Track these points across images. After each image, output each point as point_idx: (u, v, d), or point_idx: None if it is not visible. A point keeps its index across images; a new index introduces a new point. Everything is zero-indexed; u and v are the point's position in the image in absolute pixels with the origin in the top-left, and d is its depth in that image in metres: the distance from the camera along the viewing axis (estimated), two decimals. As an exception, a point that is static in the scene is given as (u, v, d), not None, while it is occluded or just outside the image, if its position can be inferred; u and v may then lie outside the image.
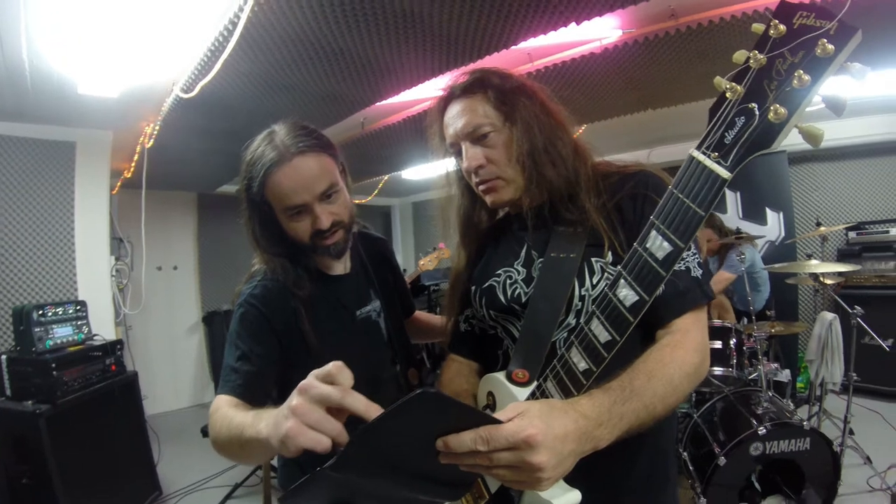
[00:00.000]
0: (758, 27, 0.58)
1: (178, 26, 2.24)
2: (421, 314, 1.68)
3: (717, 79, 0.62)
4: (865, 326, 2.82)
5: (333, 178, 1.16)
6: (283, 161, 1.10)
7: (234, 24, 2.04)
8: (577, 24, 2.27)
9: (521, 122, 1.00)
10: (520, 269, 1.07)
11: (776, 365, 2.79)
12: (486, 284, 1.10)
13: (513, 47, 2.49)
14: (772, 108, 0.55)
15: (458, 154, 1.07)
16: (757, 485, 2.30)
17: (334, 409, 0.69)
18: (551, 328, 0.94)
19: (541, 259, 1.03)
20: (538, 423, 0.66)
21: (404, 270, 2.04)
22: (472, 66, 1.82)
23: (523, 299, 1.03)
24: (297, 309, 1.17)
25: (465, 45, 2.39)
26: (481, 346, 1.17)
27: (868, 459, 2.98)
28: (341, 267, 1.33)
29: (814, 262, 2.97)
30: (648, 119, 3.85)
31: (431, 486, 0.80)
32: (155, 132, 3.40)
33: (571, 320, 0.96)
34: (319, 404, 0.68)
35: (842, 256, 4.37)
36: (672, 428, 1.09)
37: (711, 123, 0.61)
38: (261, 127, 1.20)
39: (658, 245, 0.65)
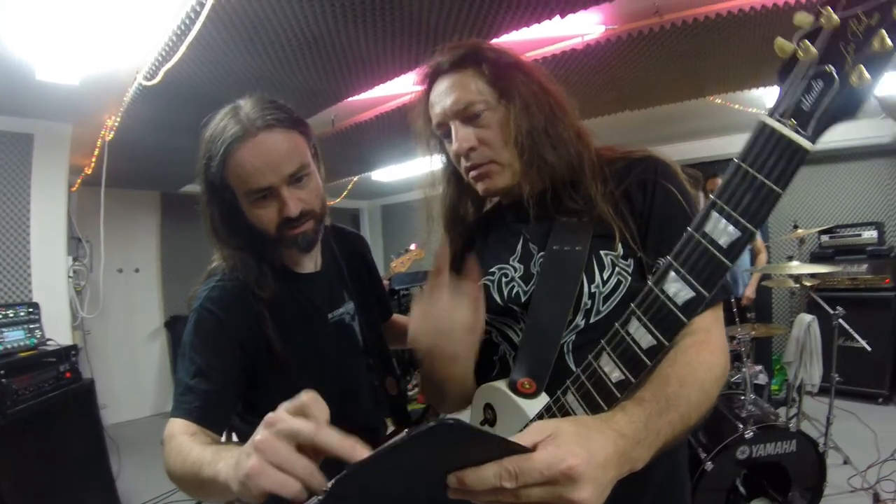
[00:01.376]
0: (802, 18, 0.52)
1: (143, 7, 2.10)
2: (399, 318, 1.56)
3: (780, 40, 0.55)
4: (847, 327, 2.84)
5: (304, 159, 1.02)
6: (247, 136, 0.96)
7: (202, 5, 1.91)
8: (562, 17, 2.23)
9: (519, 99, 0.91)
10: (517, 265, 0.96)
11: (760, 367, 2.78)
12: (479, 283, 0.97)
13: (493, 41, 2.43)
14: (854, 71, 0.48)
15: (447, 136, 0.96)
16: (742, 488, 2.26)
17: (308, 448, 0.58)
18: (559, 331, 0.84)
19: (542, 253, 0.92)
20: (579, 451, 0.55)
21: None
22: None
23: (523, 299, 0.92)
24: (261, 313, 1.03)
25: (444, 35, 2.31)
26: None
27: (848, 460, 3.01)
28: (311, 264, 1.19)
29: (794, 263, 2.98)
30: (623, 120, 3.82)
31: None
32: (116, 125, 3.22)
33: (580, 321, 0.86)
34: (288, 440, 0.57)
35: (815, 259, 4.43)
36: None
37: (784, 88, 0.54)
38: None
39: (721, 229, 0.55)
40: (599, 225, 0.88)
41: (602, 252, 0.87)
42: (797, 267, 2.97)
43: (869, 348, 2.83)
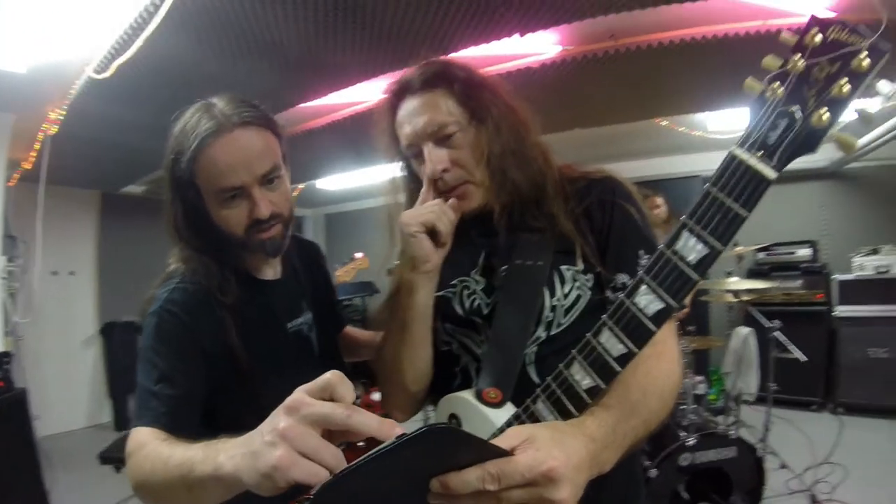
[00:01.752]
0: (787, 37, 0.59)
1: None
2: (352, 330, 1.54)
3: (750, 80, 0.62)
4: (784, 340, 3.01)
5: (277, 160, 1.00)
6: (221, 132, 0.93)
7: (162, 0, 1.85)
8: (521, 35, 2.29)
9: (490, 120, 0.92)
10: (478, 278, 0.98)
11: (700, 378, 2.90)
12: (440, 294, 0.99)
13: (452, 55, 2.46)
14: (816, 112, 0.56)
15: (416, 156, 0.96)
16: (685, 494, 2.36)
17: (328, 432, 0.56)
18: (523, 342, 0.87)
19: (505, 267, 0.94)
20: (557, 454, 0.58)
21: None
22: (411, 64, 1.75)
23: (484, 311, 0.94)
24: (223, 318, 0.98)
25: (405, 45, 2.33)
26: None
27: (785, 464, 3.17)
28: (272, 271, 1.15)
29: (733, 279, 3.14)
30: (572, 137, 3.92)
31: None
32: (60, 118, 3.07)
33: (542, 333, 0.89)
34: (315, 427, 0.55)
35: (752, 275, 4.65)
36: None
37: (753, 123, 0.60)
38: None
39: (690, 247, 0.61)
40: (560, 241, 0.91)
41: (563, 267, 0.90)
42: (735, 282, 3.14)
43: (804, 359, 3.02)
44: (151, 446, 0.81)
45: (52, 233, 4.12)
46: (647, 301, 0.64)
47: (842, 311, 4.26)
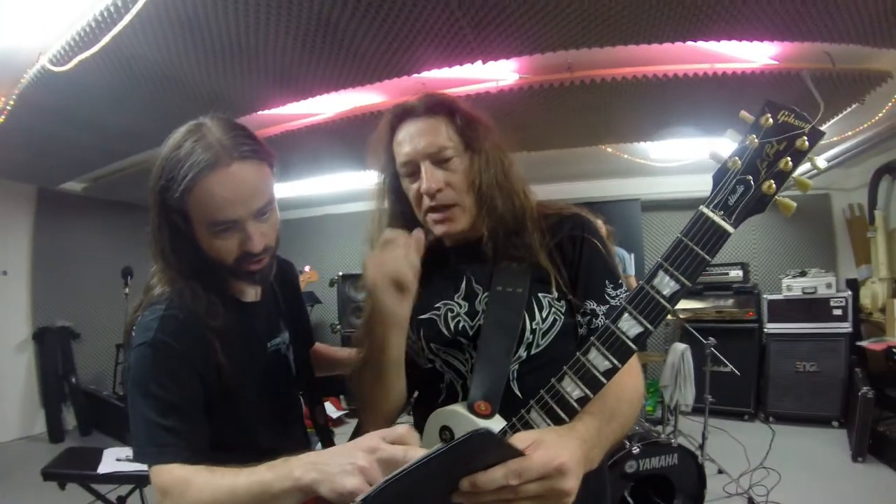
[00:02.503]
0: (746, 115, 0.73)
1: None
2: (321, 346, 1.56)
3: (718, 153, 0.76)
4: (719, 355, 3.23)
5: (271, 194, 1.01)
6: (218, 165, 0.91)
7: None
8: (483, 62, 2.37)
9: (483, 152, 1.01)
10: (461, 302, 1.05)
11: (642, 391, 3.06)
12: (425, 317, 1.06)
13: (415, 76, 2.52)
14: (765, 182, 0.71)
15: (410, 175, 1.03)
16: (630, 500, 2.48)
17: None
18: (507, 360, 0.96)
19: (486, 293, 1.03)
20: (565, 452, 0.69)
21: None
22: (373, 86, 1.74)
23: (470, 333, 1.02)
24: (211, 342, 0.98)
25: (371, 63, 2.38)
26: (411, 375, 1.10)
27: (722, 469, 3.40)
28: (253, 292, 1.16)
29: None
30: (520, 158, 4.04)
31: None
32: (7, 108, 2.91)
33: (523, 353, 0.98)
34: (385, 465, 0.70)
35: (687, 295, 4.92)
36: None
37: (718, 187, 0.73)
38: (132, 122, 1.02)
39: (665, 283, 0.74)
40: (536, 270, 1.00)
41: (540, 294, 1.00)
42: (675, 301, 3.32)
43: (738, 373, 3.28)
44: (201, 480, 0.85)
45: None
46: (629, 325, 0.76)
47: (771, 328, 4.58)
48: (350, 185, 5.29)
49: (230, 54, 2.31)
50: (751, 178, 0.71)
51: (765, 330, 4.64)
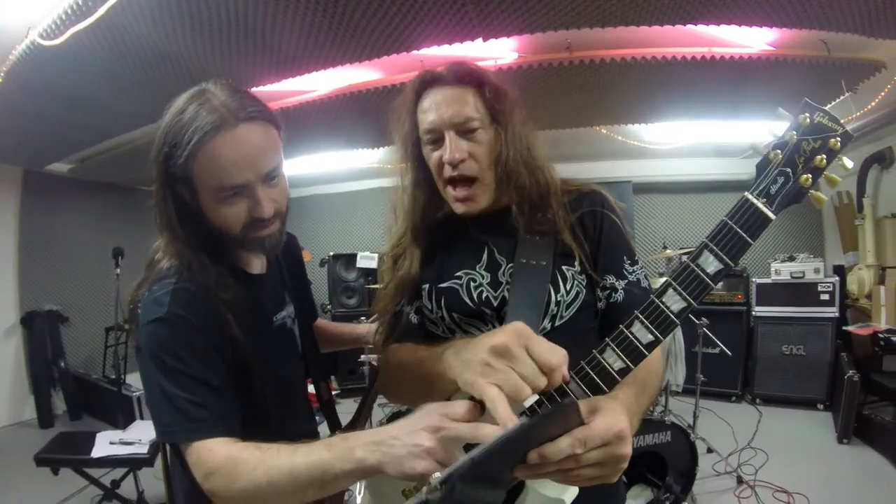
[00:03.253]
0: (784, 112, 0.79)
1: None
2: (322, 322, 1.57)
3: (758, 145, 0.81)
4: (711, 335, 3.28)
5: (280, 157, 0.98)
6: (224, 127, 0.89)
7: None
8: (484, 40, 2.36)
9: (510, 126, 1.01)
10: (483, 272, 1.06)
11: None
12: (445, 285, 1.07)
13: (413, 52, 2.50)
14: (803, 176, 0.76)
15: (434, 142, 1.02)
16: (623, 476, 2.52)
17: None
18: (534, 332, 0.96)
19: (511, 265, 1.03)
20: (622, 419, 0.71)
21: None
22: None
23: (494, 303, 1.03)
24: (223, 315, 0.96)
25: (369, 38, 2.36)
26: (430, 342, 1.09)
27: (711, 448, 3.49)
28: (259, 264, 1.14)
29: (662, 279, 3.35)
30: None
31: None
32: (-4, 85, 2.83)
33: (547, 325, 1.00)
34: (451, 443, 0.71)
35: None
36: None
37: (761, 176, 0.79)
38: (123, 100, 0.98)
39: (709, 262, 0.78)
40: (559, 244, 1.02)
41: (564, 267, 1.02)
42: (664, 282, 3.36)
43: (729, 352, 3.34)
44: (251, 458, 0.84)
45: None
46: (673, 301, 0.78)
47: (759, 311, 4.65)
48: (342, 165, 5.27)
49: (225, 30, 2.27)
50: (790, 170, 0.77)
51: (753, 313, 4.72)
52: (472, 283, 1.06)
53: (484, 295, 1.04)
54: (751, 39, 2.69)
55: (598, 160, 5.58)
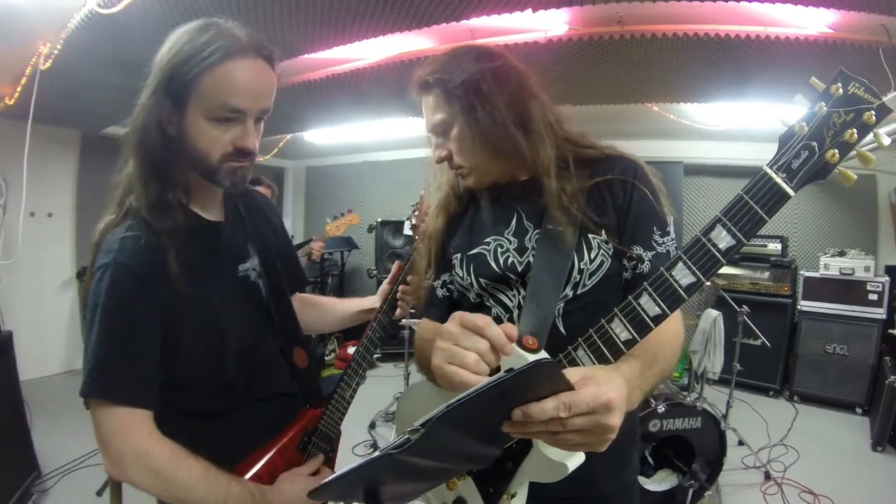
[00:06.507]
0: (816, 82, 0.72)
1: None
2: (323, 297, 1.57)
3: (788, 120, 0.75)
4: (750, 324, 3.19)
5: (272, 102, 1.03)
6: (247, 53, 0.95)
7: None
8: (534, 11, 2.33)
9: (488, 109, 1.01)
10: (511, 238, 1.08)
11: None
12: (474, 252, 1.10)
13: (463, 21, 2.49)
14: (830, 151, 0.71)
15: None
16: (650, 459, 2.51)
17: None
18: (555, 299, 0.98)
19: (537, 231, 1.05)
20: (613, 388, 0.70)
21: (292, 236, 1.86)
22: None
23: (519, 268, 1.04)
24: (171, 264, 0.95)
25: (420, 7, 2.34)
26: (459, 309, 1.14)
27: (743, 440, 3.43)
28: (215, 212, 1.13)
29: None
30: (564, 112, 3.98)
31: (467, 457, 0.81)
32: (55, 52, 2.96)
33: (569, 292, 1.00)
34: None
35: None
36: None
37: (783, 149, 0.74)
38: None
39: (721, 237, 0.75)
40: (585, 212, 1.02)
41: (590, 235, 1.02)
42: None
43: (769, 344, 3.22)
44: (187, 471, 0.95)
45: (31, 172, 4.03)
46: (682, 275, 0.77)
47: (805, 305, 4.49)
48: (392, 133, 5.32)
49: (276, -1, 2.31)
50: (815, 144, 0.71)
51: (798, 307, 4.57)
52: (499, 249, 1.08)
53: (510, 260, 1.06)
54: (809, 20, 2.57)
55: (650, 138, 5.42)
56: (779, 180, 0.73)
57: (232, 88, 0.95)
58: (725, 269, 3.45)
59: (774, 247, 4.88)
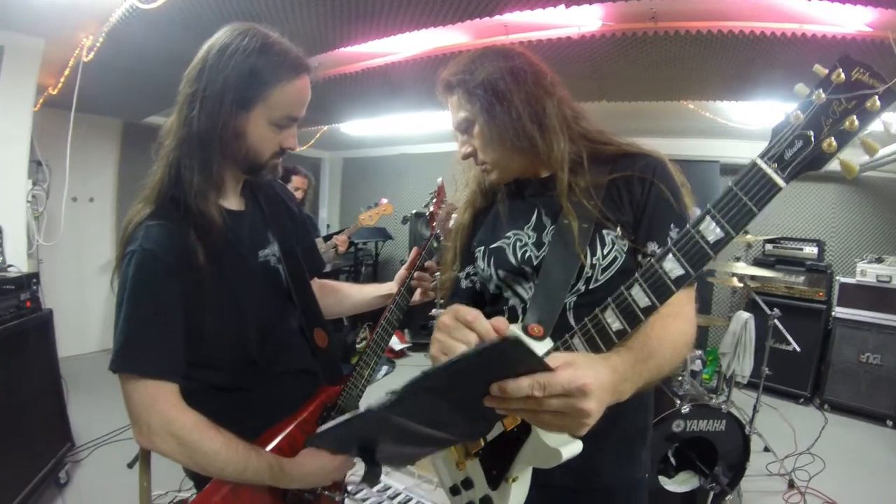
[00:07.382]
0: (819, 69, 0.69)
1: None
2: (339, 283, 1.64)
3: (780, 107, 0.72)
4: (781, 328, 3.12)
5: None
6: (307, 71, 1.11)
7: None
8: (567, 6, 2.32)
9: (506, 106, 1.05)
10: (530, 233, 1.11)
11: (699, 352, 3.03)
12: (496, 245, 1.13)
13: (497, 17, 2.49)
14: (826, 140, 0.68)
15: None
16: (673, 460, 2.50)
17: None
18: (564, 291, 1.01)
19: (553, 226, 1.08)
20: (591, 374, 0.71)
21: (328, 226, 1.90)
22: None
23: (535, 262, 1.08)
24: (196, 250, 1.03)
25: (454, 2, 2.35)
26: (480, 302, 1.20)
27: (768, 447, 3.35)
28: (236, 202, 1.22)
29: (740, 264, 3.24)
30: (593, 109, 3.94)
31: (455, 427, 0.85)
32: (97, 45, 3.07)
33: (581, 286, 1.03)
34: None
35: (757, 264, 4.70)
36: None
37: (775, 140, 0.71)
38: None
39: (711, 230, 0.74)
40: (602, 209, 1.04)
41: (605, 231, 1.04)
42: (742, 267, 3.25)
43: (799, 349, 3.15)
44: (216, 442, 1.02)
45: (74, 159, 4.20)
46: (672, 267, 0.77)
47: (840, 312, 4.36)
48: (427, 126, 5.35)
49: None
50: (811, 133, 0.69)
51: (833, 313, 4.43)
52: (518, 243, 1.11)
53: (527, 254, 1.09)
54: (847, 18, 2.49)
55: (686, 137, 5.31)
56: (769, 171, 0.70)
57: (298, 101, 1.11)
58: (760, 272, 3.36)
59: (811, 250, 4.73)
